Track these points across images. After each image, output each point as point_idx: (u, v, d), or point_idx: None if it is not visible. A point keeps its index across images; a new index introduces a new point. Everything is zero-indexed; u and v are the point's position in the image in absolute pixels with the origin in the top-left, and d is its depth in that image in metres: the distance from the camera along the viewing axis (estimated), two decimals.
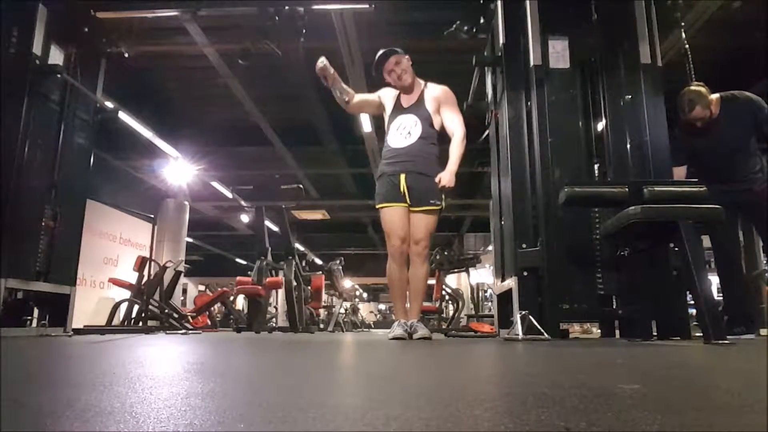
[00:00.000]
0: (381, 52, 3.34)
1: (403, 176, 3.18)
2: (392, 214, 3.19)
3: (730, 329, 3.00)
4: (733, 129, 3.34)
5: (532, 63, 3.40)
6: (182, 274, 7.82)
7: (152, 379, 0.95)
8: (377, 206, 3.28)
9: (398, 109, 3.34)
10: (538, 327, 2.95)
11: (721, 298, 3.59)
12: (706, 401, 0.75)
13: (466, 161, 8.09)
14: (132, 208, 9.60)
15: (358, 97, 3.41)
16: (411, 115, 3.28)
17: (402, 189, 3.17)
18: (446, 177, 3.11)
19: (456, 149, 3.21)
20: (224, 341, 3.29)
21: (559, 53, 3.42)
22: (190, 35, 5.35)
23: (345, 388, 0.95)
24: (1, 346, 2.05)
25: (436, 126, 3.28)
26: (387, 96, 3.44)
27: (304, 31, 4.53)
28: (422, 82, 3.39)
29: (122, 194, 9.19)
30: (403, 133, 3.25)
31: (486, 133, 4.45)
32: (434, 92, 3.32)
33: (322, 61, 3.14)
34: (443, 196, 3.20)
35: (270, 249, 7.19)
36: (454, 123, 3.27)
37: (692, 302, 2.63)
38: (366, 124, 7.58)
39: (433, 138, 3.27)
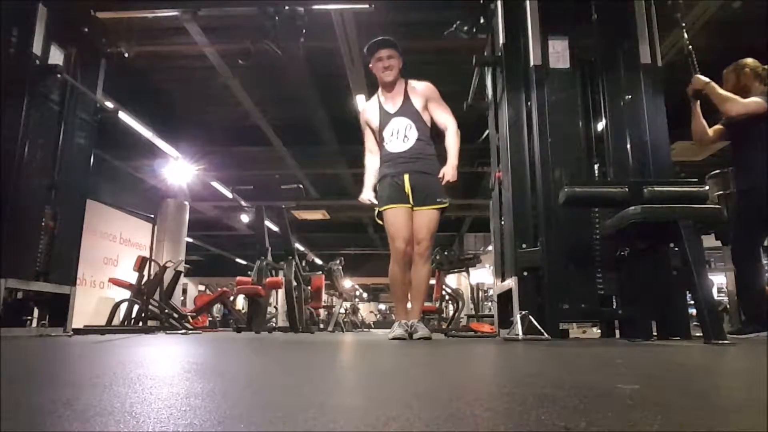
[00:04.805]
0: (380, 38, 3.28)
1: (406, 176, 3.16)
2: (397, 216, 3.17)
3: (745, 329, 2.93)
4: None
5: (532, 63, 3.40)
6: (182, 274, 7.82)
7: (152, 379, 0.95)
8: (381, 209, 3.23)
9: (386, 114, 3.29)
10: (538, 327, 2.95)
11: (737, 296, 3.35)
12: (706, 401, 0.75)
13: (466, 161, 8.16)
14: (132, 208, 9.61)
15: (368, 146, 3.45)
16: (402, 118, 3.25)
17: (406, 189, 3.16)
18: (449, 171, 3.12)
19: (453, 142, 3.21)
20: (224, 341, 3.28)
21: (559, 53, 3.42)
22: (190, 35, 5.34)
23: (345, 388, 0.95)
24: (1, 346, 2.05)
25: (427, 122, 3.28)
26: (369, 109, 3.40)
27: (304, 31, 4.53)
28: (403, 81, 3.33)
29: (122, 194, 9.19)
30: (400, 137, 3.23)
31: (486, 133, 4.46)
32: (418, 90, 3.29)
33: (366, 200, 3.34)
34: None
35: (270, 249, 7.19)
36: (444, 117, 3.27)
37: (692, 302, 2.63)
38: None
39: (429, 138, 3.27)
